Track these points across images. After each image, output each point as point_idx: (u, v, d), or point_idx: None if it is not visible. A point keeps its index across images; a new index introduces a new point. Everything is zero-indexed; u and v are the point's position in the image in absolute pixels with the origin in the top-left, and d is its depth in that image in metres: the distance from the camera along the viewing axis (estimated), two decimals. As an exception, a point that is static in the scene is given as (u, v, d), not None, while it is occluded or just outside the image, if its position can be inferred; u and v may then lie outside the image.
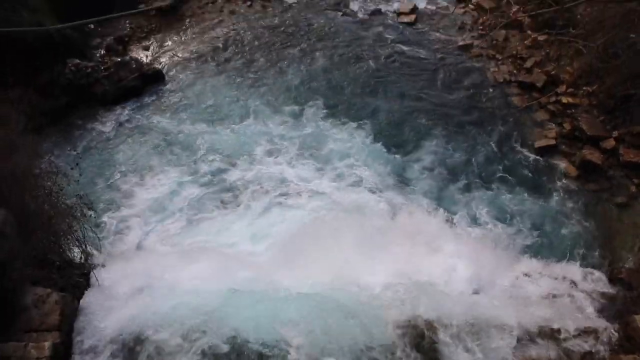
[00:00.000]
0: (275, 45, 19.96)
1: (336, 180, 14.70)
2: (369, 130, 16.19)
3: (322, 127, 16.43)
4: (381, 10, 21.77)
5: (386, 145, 15.65)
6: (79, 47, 18.72)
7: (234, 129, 16.44)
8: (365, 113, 16.87)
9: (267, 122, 16.62)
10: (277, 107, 17.22)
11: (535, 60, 17.80)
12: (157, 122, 16.74)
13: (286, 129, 16.39)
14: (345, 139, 15.94)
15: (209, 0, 22.46)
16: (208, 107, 17.27)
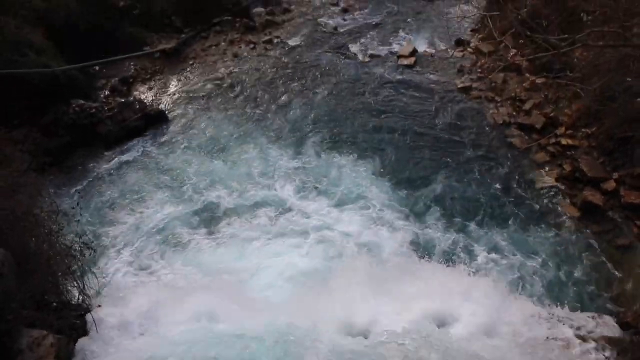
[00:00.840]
0: (277, 85, 20.30)
1: (338, 212, 14.72)
2: (370, 164, 16.36)
3: (323, 160, 16.65)
4: (381, 53, 22.23)
5: (387, 178, 15.81)
6: (83, 87, 19.03)
7: (236, 164, 16.58)
8: (367, 148, 17.06)
9: (268, 156, 16.81)
10: (279, 141, 17.46)
11: (534, 102, 18.02)
12: (159, 162, 16.82)
13: (289, 161, 16.57)
14: (348, 173, 16.09)
15: (212, 43, 22.97)
16: (210, 145, 17.42)
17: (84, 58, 19.72)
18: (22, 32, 17.92)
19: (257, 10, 25.33)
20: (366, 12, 25.53)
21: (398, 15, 25.10)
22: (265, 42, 23.02)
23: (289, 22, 24.75)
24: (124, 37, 21.75)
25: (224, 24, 23.94)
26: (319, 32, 23.85)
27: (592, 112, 15.84)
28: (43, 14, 19.15)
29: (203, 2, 23.97)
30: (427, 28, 23.92)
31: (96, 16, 20.86)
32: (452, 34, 22.17)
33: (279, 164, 16.57)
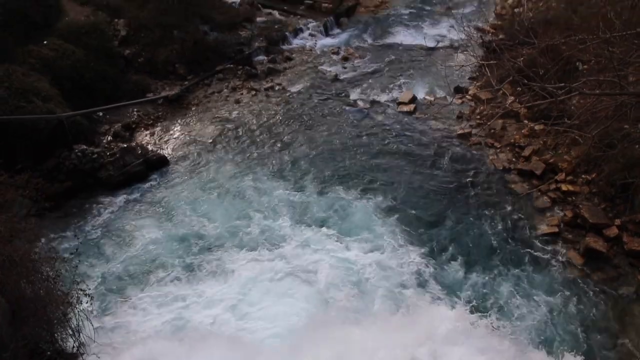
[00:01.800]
0: (278, 129, 20.51)
1: (340, 246, 14.89)
2: (369, 206, 16.43)
3: (324, 198, 16.90)
4: (381, 100, 22.55)
5: (384, 219, 15.89)
6: (87, 133, 19.26)
7: (236, 204, 16.70)
8: (366, 190, 17.16)
9: (269, 196, 16.93)
10: (280, 180, 17.62)
11: (533, 148, 18.17)
12: (159, 207, 16.83)
13: (289, 200, 16.76)
14: (349, 213, 16.24)
15: (215, 90, 23.36)
16: (210, 189, 17.48)
17: (89, 104, 20.06)
18: (28, 80, 18.27)
19: (259, 58, 25.87)
20: (366, 60, 26.04)
21: (397, 64, 25.58)
22: (267, 89, 23.42)
23: (291, 70, 25.23)
24: (128, 84, 22.16)
25: (226, 72, 24.40)
26: (319, 79, 24.27)
27: (591, 158, 15.93)
28: (50, 62, 19.56)
29: (206, 50, 24.53)
30: (426, 76, 24.34)
31: (101, 64, 21.30)
32: (451, 82, 22.54)
33: (279, 203, 16.69)
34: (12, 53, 19.22)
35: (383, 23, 30.23)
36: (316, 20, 29.21)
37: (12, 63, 18.70)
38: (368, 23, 30.34)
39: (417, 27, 29.70)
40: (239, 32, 26.69)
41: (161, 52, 23.62)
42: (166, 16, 24.20)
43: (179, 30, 24.10)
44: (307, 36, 28.45)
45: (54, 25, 21.41)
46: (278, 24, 28.56)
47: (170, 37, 23.95)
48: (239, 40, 26.08)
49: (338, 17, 30.17)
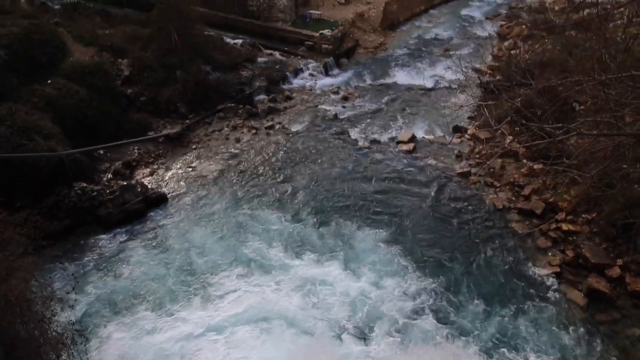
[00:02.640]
0: (277, 167, 20.58)
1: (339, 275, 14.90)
2: (368, 242, 16.42)
3: (322, 233, 17.01)
4: (381, 139, 22.72)
5: (386, 254, 15.87)
6: (87, 171, 19.34)
7: (235, 240, 16.68)
8: (364, 228, 17.11)
9: (268, 232, 16.89)
10: (280, 216, 17.61)
11: (533, 187, 18.20)
12: (157, 245, 16.71)
13: (287, 237, 16.75)
14: (348, 248, 16.24)
15: (216, 129, 23.56)
16: (209, 225, 17.45)
17: (91, 142, 20.21)
18: (31, 118, 18.47)
19: (260, 97, 26.20)
20: (366, 100, 26.35)
21: (397, 103, 25.90)
22: (267, 127, 23.62)
23: (291, 109, 25.52)
24: (130, 122, 22.39)
25: (227, 111, 24.67)
26: (320, 118, 24.51)
27: (591, 198, 15.93)
28: (53, 101, 19.81)
29: (208, 90, 24.86)
30: (425, 115, 24.61)
31: (104, 103, 21.57)
32: (450, 122, 22.73)
33: (277, 238, 16.79)
34: (17, 92, 19.51)
35: (382, 64, 30.76)
36: (316, 61, 29.74)
37: (16, 102, 18.96)
38: (367, 64, 30.88)
39: (416, 67, 30.20)
40: (240, 72, 27.12)
41: (164, 91, 23.94)
42: (169, 57, 24.64)
43: (182, 71, 24.49)
44: (308, 76, 28.90)
45: (58, 65, 21.80)
46: (279, 64, 29.06)
47: (173, 77, 24.33)
48: (240, 80, 26.47)
49: (338, 58, 30.73)
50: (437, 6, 40.93)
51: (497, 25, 35.96)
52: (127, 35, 25.79)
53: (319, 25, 31.88)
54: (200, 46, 26.09)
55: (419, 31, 36.12)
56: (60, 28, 24.42)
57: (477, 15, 39.26)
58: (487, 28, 36.20)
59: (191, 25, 25.97)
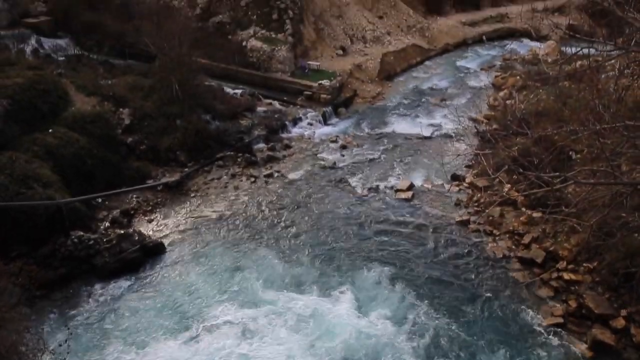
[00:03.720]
0: (276, 217, 20.49)
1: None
2: (369, 287, 16.31)
3: (321, 280, 16.87)
4: (379, 187, 22.77)
5: (385, 302, 15.74)
6: (85, 219, 19.23)
7: (233, 291, 16.38)
8: (363, 278, 16.92)
9: (272, 286, 16.66)
10: (277, 272, 17.27)
11: (532, 236, 18.12)
12: (153, 297, 16.39)
13: (289, 294, 16.37)
14: (348, 292, 16.19)
15: (215, 177, 23.64)
16: (207, 277, 17.16)
17: (89, 190, 20.22)
18: (31, 167, 18.56)
19: (259, 146, 26.43)
20: (364, 149, 26.60)
21: (395, 152, 26.13)
22: (266, 176, 23.71)
23: (290, 157, 25.70)
24: (129, 170, 22.47)
25: (226, 159, 24.83)
26: (318, 166, 24.66)
27: (591, 247, 15.81)
28: (53, 150, 19.95)
29: (208, 138, 25.11)
30: (423, 164, 24.78)
31: (104, 151, 21.72)
32: (448, 170, 22.86)
33: (278, 285, 16.62)
34: (18, 141, 19.69)
35: (380, 113, 31.26)
36: (315, 110, 30.21)
37: (17, 150, 19.10)
38: (365, 113, 31.38)
39: (413, 116, 30.69)
40: (240, 121, 27.47)
41: (164, 140, 24.16)
42: (170, 106, 25.02)
43: (182, 120, 24.80)
44: (306, 125, 29.28)
45: (60, 114, 22.07)
46: (278, 113, 29.48)
47: (173, 126, 24.61)
48: (239, 128, 26.78)
49: (336, 107, 31.25)
50: (433, 58, 42.04)
51: (492, 76, 36.77)
52: (129, 86, 26.26)
53: (318, 75, 32.58)
54: (200, 96, 26.54)
55: (415, 81, 36.92)
56: (64, 79, 24.88)
57: (472, 67, 40.23)
58: (482, 78, 37.02)
59: (192, 76, 26.52)
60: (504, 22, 50.08)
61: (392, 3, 44.87)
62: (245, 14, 35.83)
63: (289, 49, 33.56)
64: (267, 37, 34.22)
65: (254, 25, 35.06)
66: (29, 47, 31.10)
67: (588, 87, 15.99)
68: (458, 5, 51.91)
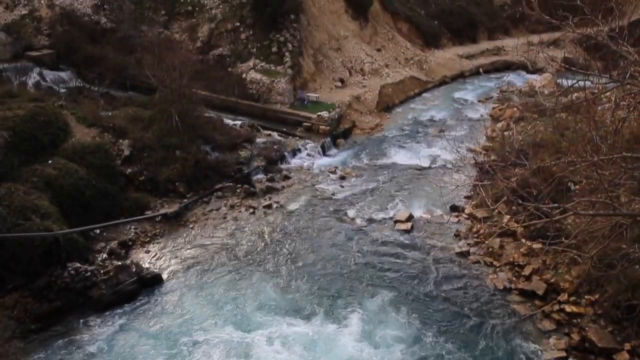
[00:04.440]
0: (274, 248, 20.35)
1: None
2: (368, 317, 16.07)
3: (318, 311, 16.74)
4: (378, 218, 22.71)
5: (383, 333, 15.58)
6: (82, 250, 19.08)
7: (231, 324, 16.14)
8: (363, 310, 16.70)
9: (271, 316, 16.49)
10: (275, 307, 17.02)
11: (533, 267, 17.99)
12: (149, 329, 16.15)
13: (284, 321, 16.29)
14: (347, 321, 15.91)
15: (214, 208, 23.58)
16: (204, 310, 16.93)
17: (87, 221, 20.15)
18: (29, 198, 18.53)
19: (258, 177, 26.48)
20: (363, 179, 26.63)
21: (393, 183, 26.17)
22: (265, 207, 23.67)
23: (289, 188, 25.70)
24: (128, 201, 22.43)
25: (225, 190, 24.83)
26: (317, 197, 24.65)
27: (592, 278, 15.68)
28: (52, 181, 19.96)
29: (207, 169, 25.16)
30: (422, 194, 24.78)
31: (103, 182, 21.72)
32: (447, 201, 22.85)
33: (277, 316, 16.45)
34: (18, 172, 19.71)
35: (378, 144, 31.43)
36: (314, 141, 30.39)
37: (16, 182, 19.11)
38: (364, 144, 31.55)
39: (412, 147, 30.87)
40: (239, 152, 27.57)
41: (163, 171, 24.19)
42: (169, 137, 25.14)
43: (182, 151, 24.90)
44: (305, 156, 29.42)
45: (60, 145, 22.16)
46: (277, 144, 29.63)
47: (173, 157, 24.68)
48: (238, 159, 26.86)
49: (335, 138, 31.45)
50: (431, 89, 42.57)
51: (490, 107, 37.17)
52: (129, 117, 26.46)
53: (317, 107, 32.90)
54: (200, 127, 26.73)
55: (413, 113, 37.27)
56: (65, 110, 25.07)
57: (470, 98, 40.69)
58: (479, 110, 37.42)
59: (192, 107, 26.77)
60: (500, 54, 50.97)
61: (390, 36, 45.69)
62: (245, 47, 36.45)
63: (288, 81, 33.99)
64: (266, 70, 34.70)
65: (253, 57, 35.62)
66: (31, 80, 31.57)
67: (585, 119, 16.09)
68: (455, 38, 52.92)
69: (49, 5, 36.45)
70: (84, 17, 36.81)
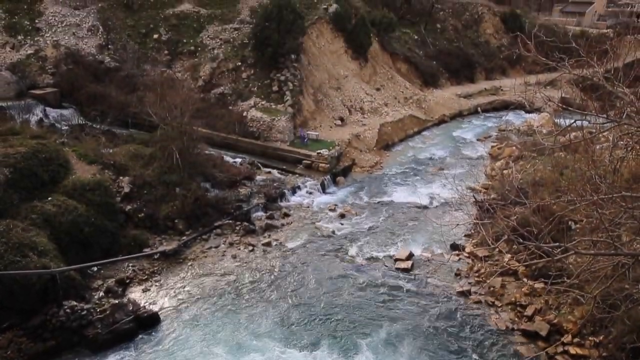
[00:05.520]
0: (274, 285, 20.14)
1: None
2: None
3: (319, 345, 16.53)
4: (378, 256, 22.55)
5: None
6: (79, 288, 18.86)
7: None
8: (363, 343, 16.48)
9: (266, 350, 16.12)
10: (274, 346, 16.71)
11: (535, 307, 17.75)
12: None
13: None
14: None
15: (212, 245, 23.43)
16: (202, 352, 16.57)
17: (85, 258, 19.97)
18: (27, 235, 18.42)
19: (258, 214, 26.41)
20: (363, 217, 26.58)
21: (393, 221, 26.09)
22: (264, 244, 23.53)
23: (288, 226, 25.61)
24: (127, 238, 22.29)
25: (225, 227, 24.72)
26: (317, 235, 24.53)
27: (596, 319, 15.44)
28: (51, 217, 19.89)
29: (206, 206, 25.11)
30: (422, 233, 24.68)
31: (102, 219, 21.63)
32: (447, 239, 22.78)
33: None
34: (17, 209, 19.65)
35: (378, 182, 31.50)
36: (314, 179, 30.46)
37: (15, 218, 19.03)
38: (364, 182, 31.61)
39: (411, 185, 30.93)
40: (239, 189, 27.61)
41: (162, 208, 24.15)
42: (170, 174, 25.21)
43: (181, 188, 24.92)
44: (305, 194, 29.42)
45: (61, 182, 22.18)
46: (277, 182, 29.70)
47: (173, 194, 24.68)
48: (238, 197, 26.86)
49: (335, 176, 31.53)
50: (430, 128, 43.00)
51: (488, 146, 37.48)
52: (130, 154, 26.60)
53: (317, 145, 33.14)
54: (200, 164, 26.86)
55: (413, 151, 37.52)
56: (66, 147, 25.24)
57: (469, 137, 41.06)
58: (478, 149, 37.69)
59: (193, 144, 26.95)
60: (498, 94, 51.75)
61: (389, 76, 46.45)
62: (247, 85, 37.04)
63: (288, 119, 34.36)
64: (267, 108, 35.14)
65: (254, 96, 36.13)
66: (34, 117, 31.89)
67: (584, 158, 16.18)
68: (453, 78, 53.87)
69: (55, 45, 37.17)
70: (88, 57, 37.51)
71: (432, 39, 55.41)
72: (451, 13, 60.21)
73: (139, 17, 41.56)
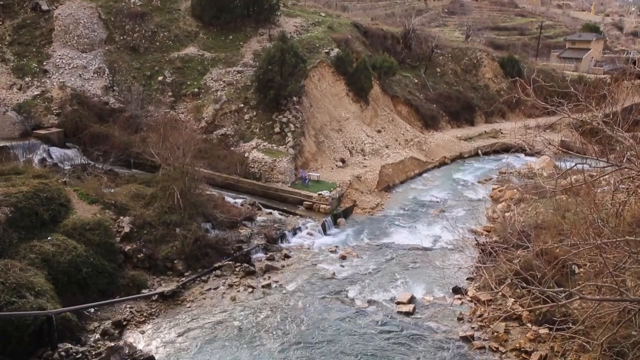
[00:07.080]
0: (273, 329, 19.73)
1: None
2: None
3: None
4: (379, 299, 22.21)
5: None
6: (75, 330, 18.54)
7: None
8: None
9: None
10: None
11: (541, 354, 17.33)
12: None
13: None
14: None
15: (212, 287, 23.13)
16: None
17: (82, 299, 19.70)
18: (25, 275, 18.23)
19: (258, 255, 26.19)
20: (364, 259, 26.32)
21: (395, 263, 25.83)
22: (264, 286, 23.23)
23: (289, 267, 25.35)
24: (125, 279, 22.05)
25: (224, 268, 24.46)
26: (317, 277, 24.24)
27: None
28: (49, 257, 19.74)
29: (206, 247, 24.91)
30: (423, 275, 24.39)
31: (100, 259, 21.47)
32: (449, 282, 22.48)
33: None
34: (16, 248, 19.55)
35: (379, 223, 31.34)
36: (315, 220, 30.34)
37: (14, 258, 18.89)
38: (365, 223, 31.46)
39: (412, 227, 30.76)
40: (239, 230, 27.49)
41: (162, 248, 23.99)
42: (170, 215, 25.17)
43: (182, 228, 24.81)
44: (306, 235, 29.24)
45: (61, 222, 22.14)
46: (278, 223, 29.59)
47: (173, 234, 24.57)
48: (238, 237, 26.70)
49: (336, 218, 31.42)
50: (431, 170, 43.16)
51: (489, 188, 37.47)
52: (131, 194, 26.64)
53: (318, 186, 33.19)
54: (201, 205, 26.83)
55: (414, 193, 37.52)
56: (68, 187, 25.30)
57: (470, 179, 41.14)
58: (479, 191, 37.70)
59: (194, 185, 27.00)
60: (498, 137, 52.17)
61: (390, 118, 46.99)
62: (249, 127, 37.44)
63: (290, 161, 34.56)
64: (269, 149, 35.39)
65: (256, 137, 36.46)
66: (37, 157, 32.13)
67: (585, 201, 16.16)
68: (453, 121, 54.51)
69: (61, 86, 37.81)
70: (94, 98, 38.07)
71: (432, 82, 56.37)
72: (450, 58, 61.45)
73: (144, 59, 42.41)
